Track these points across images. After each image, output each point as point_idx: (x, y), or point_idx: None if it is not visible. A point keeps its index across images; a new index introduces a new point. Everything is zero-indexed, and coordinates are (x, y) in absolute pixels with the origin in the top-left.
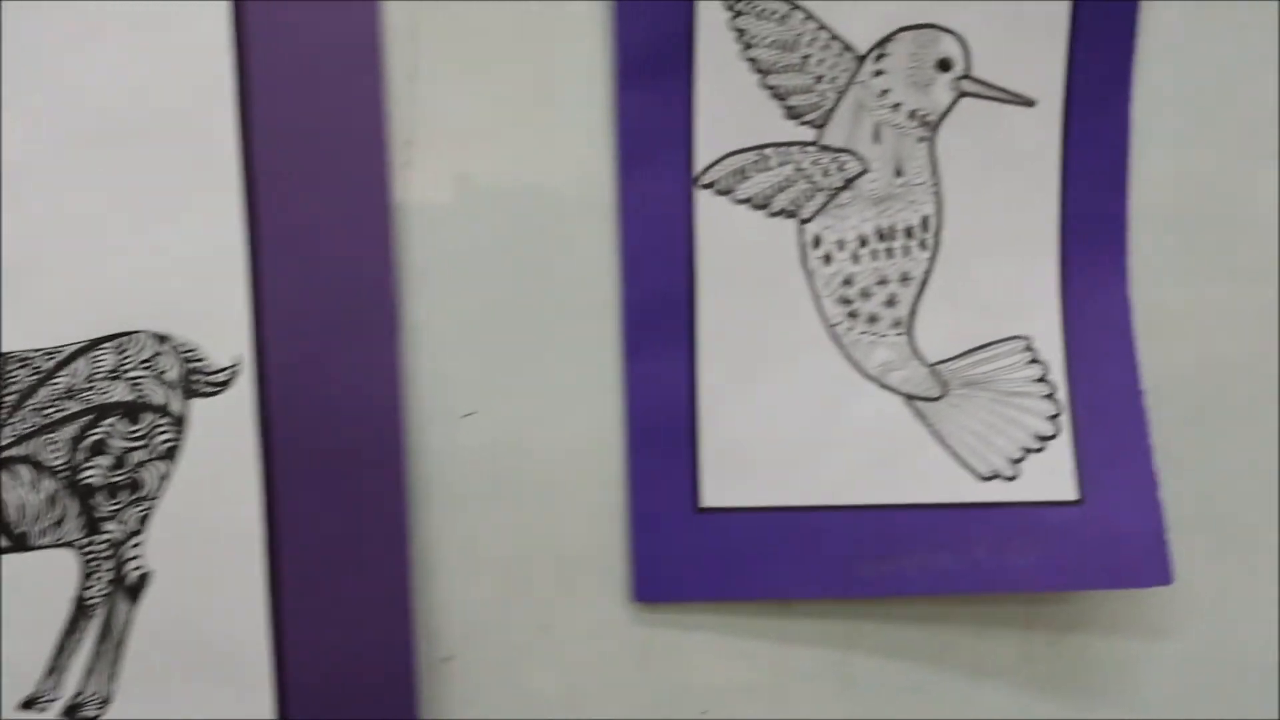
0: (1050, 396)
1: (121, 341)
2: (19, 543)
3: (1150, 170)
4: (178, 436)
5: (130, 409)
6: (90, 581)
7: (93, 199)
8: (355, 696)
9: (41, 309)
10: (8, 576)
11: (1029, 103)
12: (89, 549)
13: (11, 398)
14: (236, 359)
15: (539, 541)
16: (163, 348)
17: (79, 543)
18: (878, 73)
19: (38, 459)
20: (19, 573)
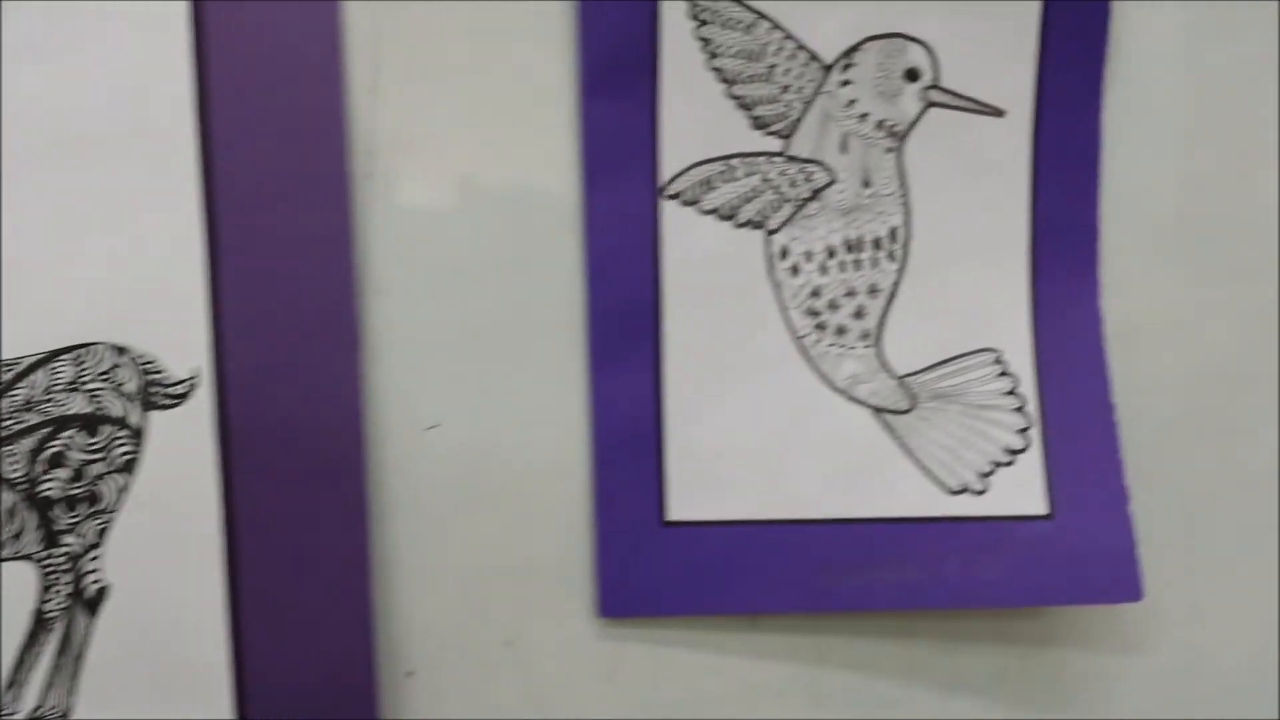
0: (1020, 409)
1: (80, 353)
2: None
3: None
4: (136, 449)
5: (89, 421)
6: (49, 595)
7: (49, 209)
8: (316, 710)
9: None
10: None
11: (998, 112)
12: (48, 562)
13: None
14: (195, 371)
15: (504, 555)
16: (121, 360)
17: (38, 556)
18: (845, 83)
19: None
20: None
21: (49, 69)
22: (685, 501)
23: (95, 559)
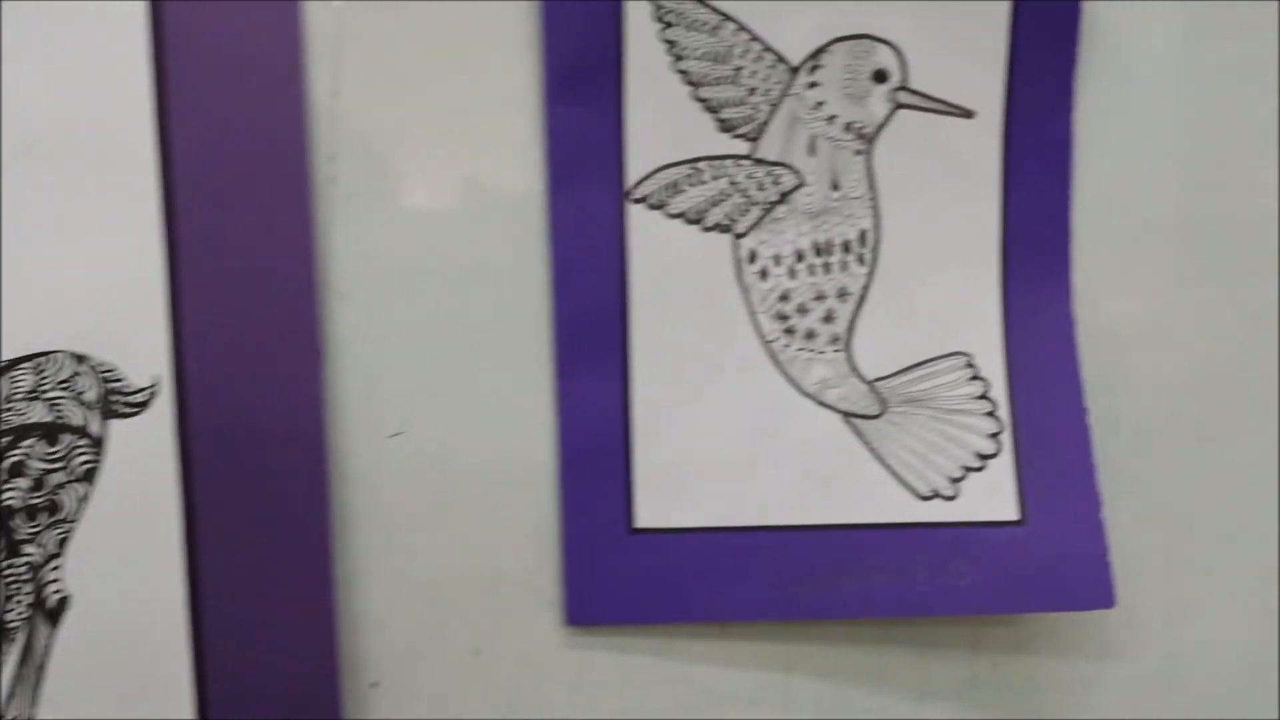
0: (992, 414)
1: (39, 362)
2: None
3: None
4: (96, 458)
5: (49, 430)
6: (10, 605)
7: (6, 216)
8: None
9: None
10: None
11: (968, 114)
12: (8, 572)
13: None
14: (155, 379)
15: (469, 564)
16: (81, 368)
17: None
18: (812, 84)
19: None
20: None
21: (5, 77)
22: (653, 508)
23: (56, 569)
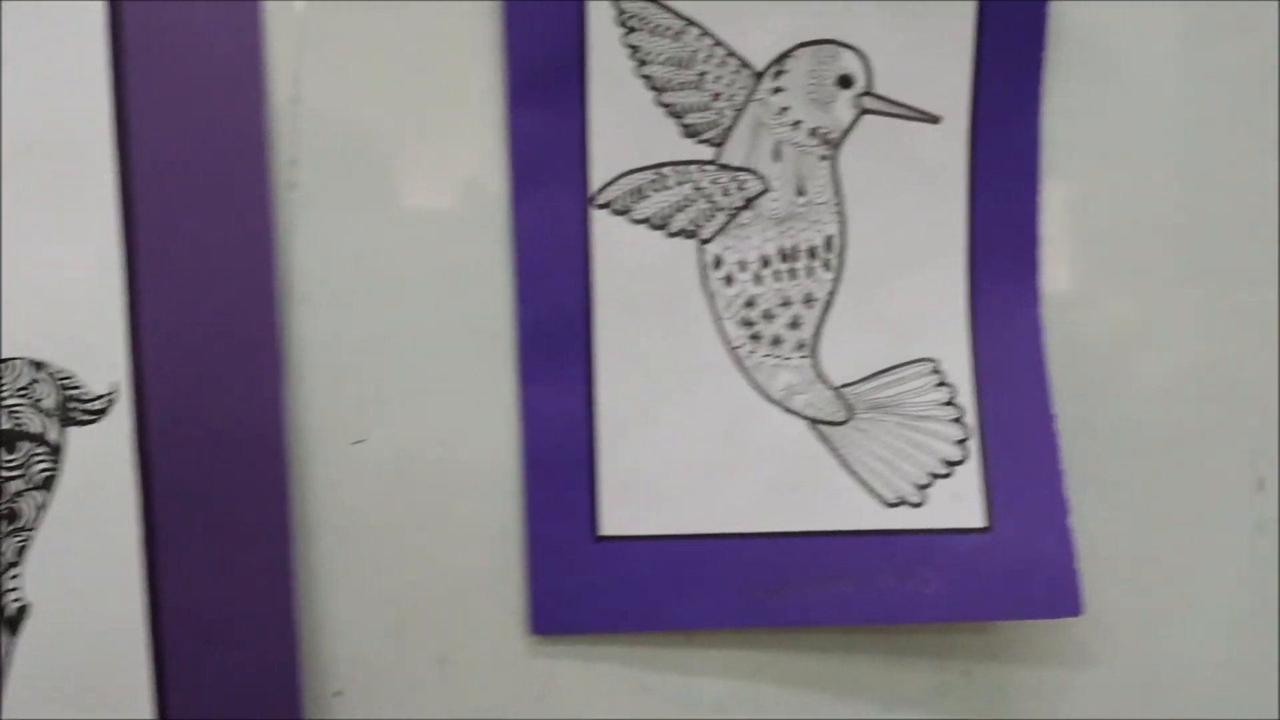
0: (958, 420)
1: None
2: None
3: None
4: (55, 466)
5: (7, 438)
6: None
7: None
8: None
9: None
10: None
11: (933, 119)
12: None
13: None
14: (114, 385)
15: (433, 572)
16: (39, 375)
17: None
18: (776, 90)
19: None
20: None
21: None
22: (618, 516)
23: (15, 577)
